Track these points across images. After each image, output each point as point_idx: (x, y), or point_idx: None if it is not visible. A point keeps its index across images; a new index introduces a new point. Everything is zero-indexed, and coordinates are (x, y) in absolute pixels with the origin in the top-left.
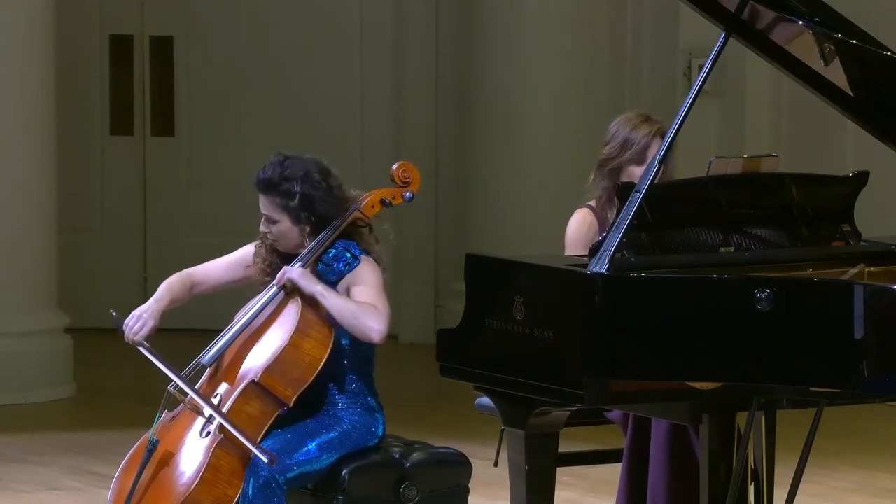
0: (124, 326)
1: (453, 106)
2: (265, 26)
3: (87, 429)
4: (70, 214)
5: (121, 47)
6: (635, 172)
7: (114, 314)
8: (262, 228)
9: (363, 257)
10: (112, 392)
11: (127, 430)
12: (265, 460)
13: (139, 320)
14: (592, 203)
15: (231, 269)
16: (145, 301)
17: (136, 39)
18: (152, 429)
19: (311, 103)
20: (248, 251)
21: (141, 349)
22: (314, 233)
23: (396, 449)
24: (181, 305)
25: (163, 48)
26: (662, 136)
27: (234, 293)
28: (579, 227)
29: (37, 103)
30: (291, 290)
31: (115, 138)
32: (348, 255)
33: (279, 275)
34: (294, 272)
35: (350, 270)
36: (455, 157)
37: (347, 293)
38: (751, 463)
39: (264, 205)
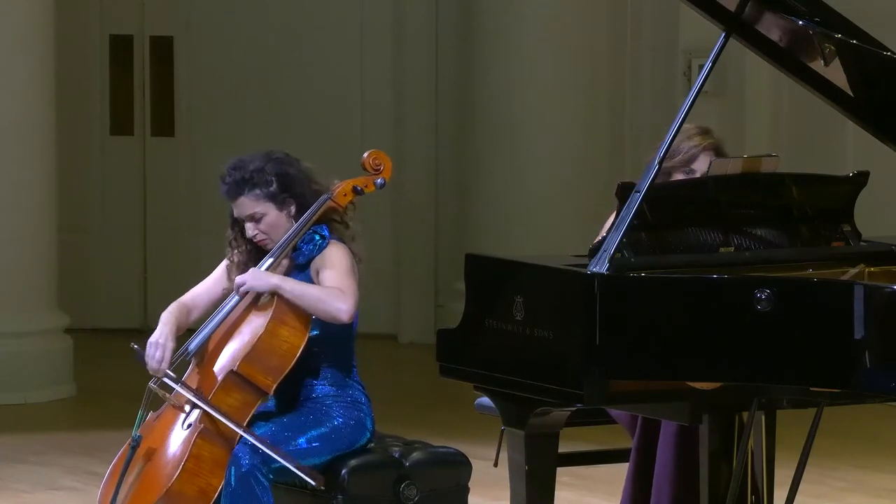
0: (147, 357)
1: (453, 106)
2: (265, 26)
3: (87, 429)
4: (70, 214)
5: (121, 47)
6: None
7: (135, 347)
8: (250, 233)
9: (332, 240)
10: (112, 392)
11: (127, 430)
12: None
13: (158, 348)
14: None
15: (215, 286)
16: (145, 300)
17: (136, 39)
18: (135, 427)
19: (311, 103)
20: (224, 268)
21: (166, 380)
22: (298, 214)
23: (396, 448)
24: (183, 331)
25: (163, 48)
26: (714, 151)
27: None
28: None
29: (37, 103)
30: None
31: (115, 138)
32: (317, 237)
33: (234, 287)
34: (244, 280)
35: (319, 252)
36: (455, 157)
37: (317, 276)
38: (750, 463)
39: (245, 206)
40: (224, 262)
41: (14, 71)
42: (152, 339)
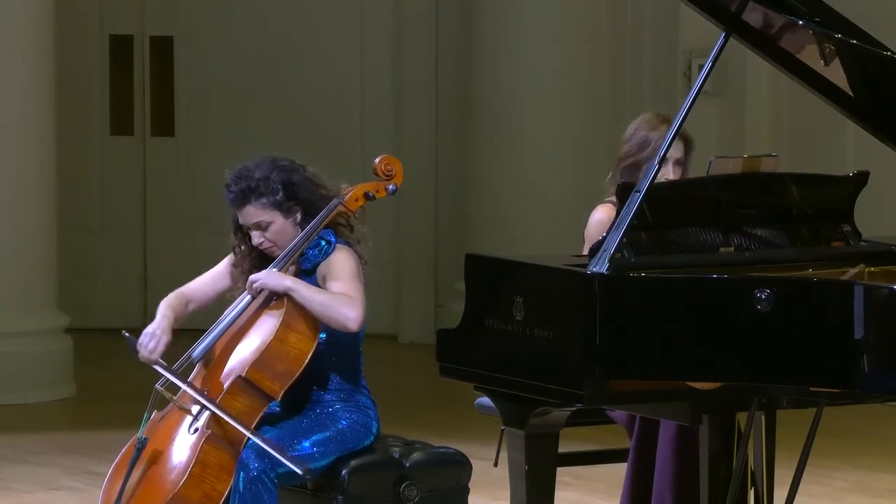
0: (139, 346)
1: (453, 106)
2: (265, 26)
3: (87, 429)
4: (70, 214)
5: (121, 47)
6: None
7: (126, 335)
8: (256, 240)
9: (338, 245)
10: (112, 392)
11: (127, 430)
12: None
13: (153, 338)
14: (613, 199)
15: (217, 280)
16: (145, 300)
17: (136, 39)
18: (141, 428)
19: (311, 103)
20: (227, 265)
21: (157, 367)
22: (304, 221)
23: (396, 449)
24: (180, 323)
25: (163, 48)
26: (681, 138)
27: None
28: (602, 223)
29: (37, 103)
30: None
31: (115, 138)
32: (323, 242)
33: (248, 284)
34: (259, 277)
35: (325, 258)
36: (455, 157)
37: (323, 282)
38: (751, 463)
39: (251, 214)
40: (227, 259)
41: (14, 71)
42: (149, 329)
